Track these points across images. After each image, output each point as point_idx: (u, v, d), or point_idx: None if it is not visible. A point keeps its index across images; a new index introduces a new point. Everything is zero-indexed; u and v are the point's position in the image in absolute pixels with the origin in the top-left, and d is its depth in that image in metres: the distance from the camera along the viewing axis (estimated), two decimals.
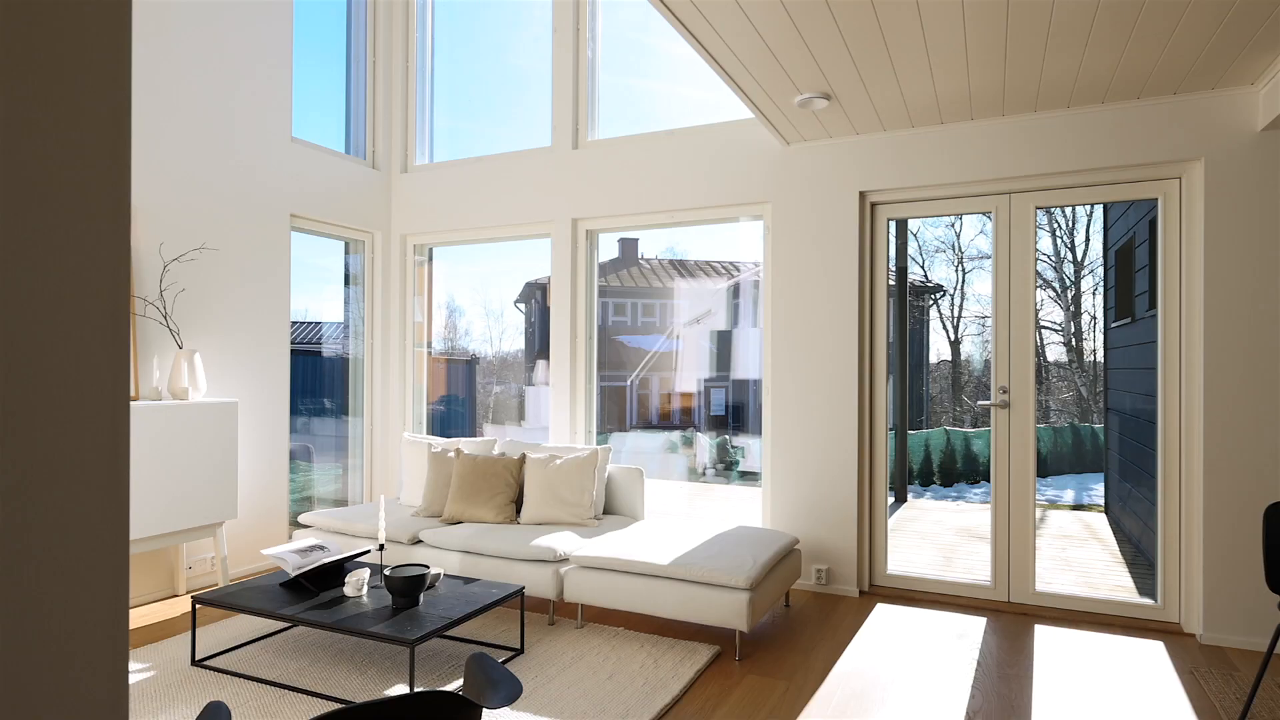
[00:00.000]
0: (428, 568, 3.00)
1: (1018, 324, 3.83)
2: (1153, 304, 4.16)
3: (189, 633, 3.37)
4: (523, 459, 4.12)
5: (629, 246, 7.16)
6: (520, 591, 3.11)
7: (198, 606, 3.77)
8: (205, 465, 3.74)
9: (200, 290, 4.11)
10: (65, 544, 0.61)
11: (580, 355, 4.87)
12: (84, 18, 0.62)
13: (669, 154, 4.52)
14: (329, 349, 5.38)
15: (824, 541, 4.07)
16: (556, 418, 4.88)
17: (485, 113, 5.72)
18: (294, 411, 4.99)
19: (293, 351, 4.76)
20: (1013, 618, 3.64)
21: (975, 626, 3.51)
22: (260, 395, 4.43)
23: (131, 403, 3.52)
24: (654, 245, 5.91)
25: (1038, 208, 3.79)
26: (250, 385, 4.38)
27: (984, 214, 3.99)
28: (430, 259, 5.62)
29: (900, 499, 6.55)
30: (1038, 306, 3.82)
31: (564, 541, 3.55)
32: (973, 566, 4.55)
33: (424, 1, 5.56)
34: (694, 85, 4.78)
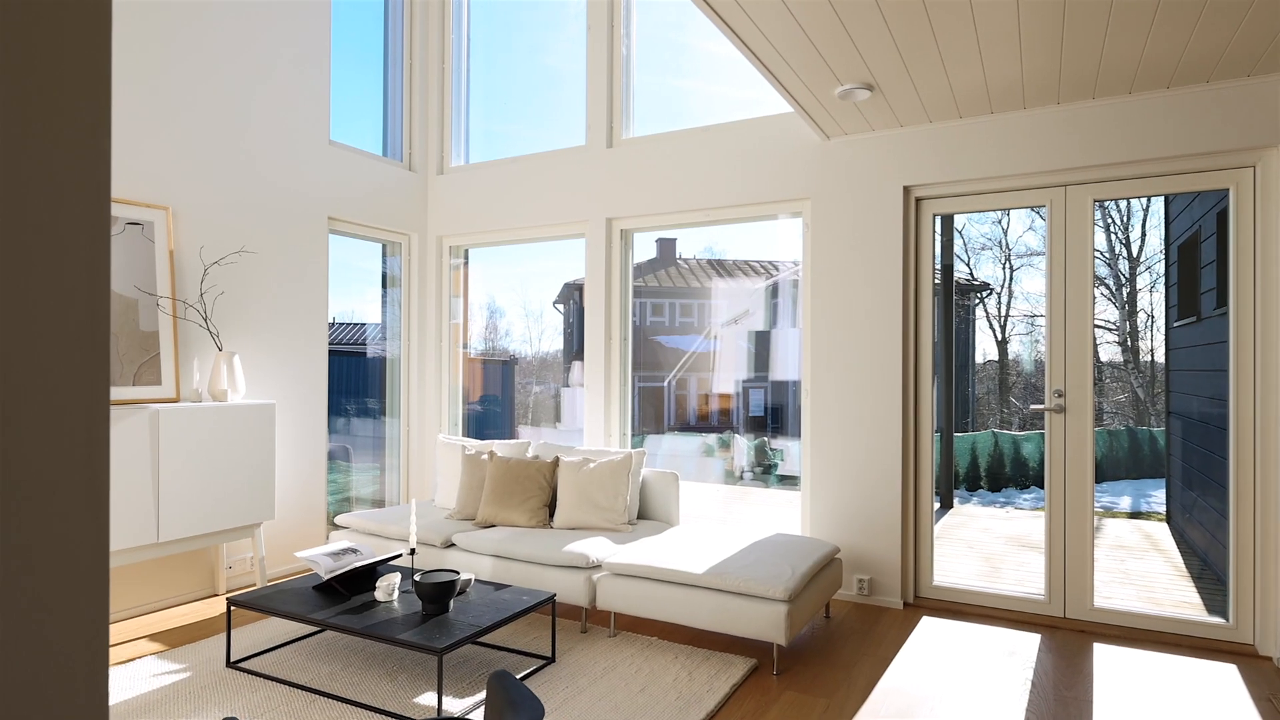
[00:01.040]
0: (458, 574, 2.95)
1: (1074, 325, 3.63)
2: (1221, 302, 3.91)
3: (226, 634, 3.39)
4: (556, 462, 4.06)
5: (667, 246, 7.08)
6: (552, 599, 3.05)
7: (233, 608, 3.79)
8: (243, 467, 3.76)
9: (239, 293, 4.14)
10: (41, 558, 0.56)
11: (615, 357, 4.79)
12: (62, 17, 0.57)
13: (705, 151, 4.42)
14: (368, 350, 5.41)
15: (866, 550, 3.92)
16: (591, 420, 4.81)
17: (521, 113, 5.69)
18: (334, 412, 5.02)
19: (333, 352, 4.79)
20: (1069, 635, 3.45)
21: (1028, 643, 3.33)
22: (298, 397, 4.46)
23: (171, 404, 3.57)
24: (692, 245, 5.80)
25: (1096, 201, 3.59)
26: (289, 387, 4.40)
27: (1036, 208, 3.80)
28: (466, 260, 5.61)
29: (946, 505, 6.33)
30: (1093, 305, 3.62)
31: (596, 547, 3.47)
32: (1024, 578, 4.35)
33: (460, 3, 5.55)
34: (730, 83, 4.67)
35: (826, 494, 4.04)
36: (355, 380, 5.38)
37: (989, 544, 5.25)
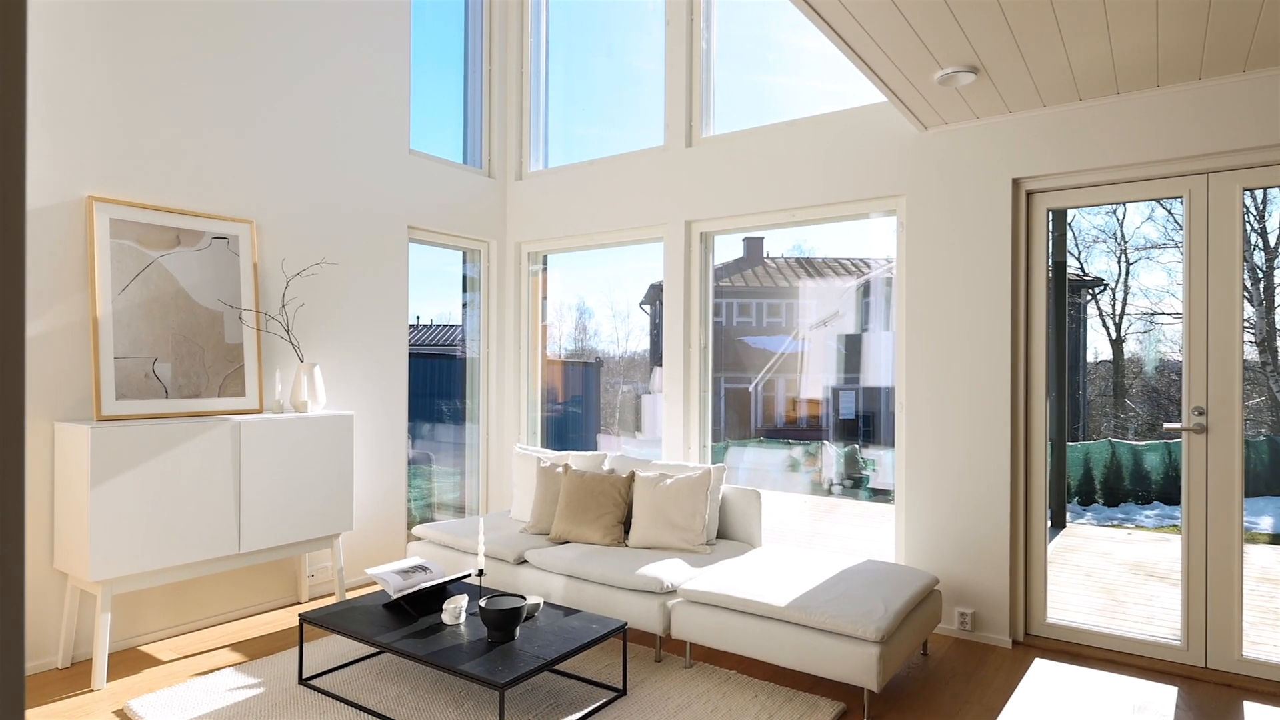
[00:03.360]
0: (524, 599, 2.83)
1: (1218, 333, 3.17)
2: None
3: (298, 650, 3.40)
4: (631, 477, 3.90)
5: (754, 245, 6.85)
6: (623, 629, 2.88)
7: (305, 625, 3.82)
8: (322, 477, 3.78)
9: (320, 304, 4.19)
10: None
11: (694, 366, 4.59)
12: None
13: (789, 147, 4.15)
14: (451, 354, 5.43)
15: (969, 579, 3.57)
16: (670, 430, 4.63)
17: (600, 115, 5.56)
18: (420, 415, 5.05)
19: (416, 355, 4.81)
20: (1212, 689, 3.01)
21: (1162, 697, 2.92)
22: (378, 407, 4.48)
23: (253, 416, 3.61)
24: (779, 243, 5.53)
25: (1246, 189, 3.12)
26: (368, 398, 4.43)
27: (1168, 200, 3.35)
28: (545, 266, 5.54)
29: (1057, 524, 5.79)
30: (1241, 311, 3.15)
31: (672, 571, 3.29)
32: (1152, 615, 3.87)
33: (538, 7, 5.48)
34: (815, 75, 4.37)
35: (923, 514, 3.71)
36: (441, 382, 5.41)
37: (1109, 572, 4.74)
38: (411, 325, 5.11)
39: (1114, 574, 4.68)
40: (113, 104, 3.36)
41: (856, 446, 6.00)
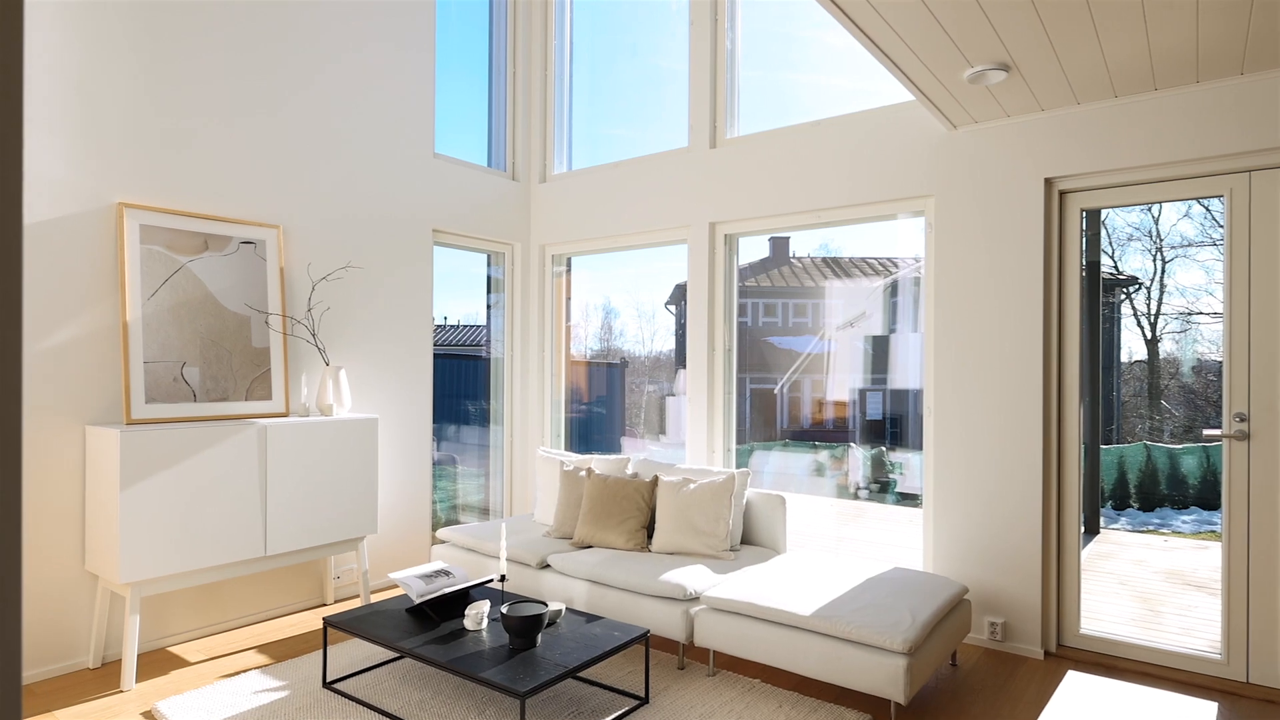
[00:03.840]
0: (545, 605, 2.82)
1: (1261, 335, 3.06)
2: None
3: (322, 653, 3.42)
4: (655, 481, 3.87)
5: (780, 245, 6.79)
6: (645, 636, 2.86)
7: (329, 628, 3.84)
8: (347, 481, 3.81)
9: (345, 308, 4.22)
10: None
11: (718, 369, 4.55)
12: None
13: (815, 147, 4.09)
14: (477, 354, 5.44)
15: (999, 587, 3.49)
16: (693, 433, 4.60)
17: (625, 116, 5.54)
18: (445, 415, 5.08)
19: (442, 355, 4.83)
20: (1254, 705, 2.91)
21: (1201, 713, 2.82)
22: (403, 410, 4.50)
23: (279, 419, 3.65)
24: (806, 243, 5.46)
25: None
26: (393, 401, 4.45)
27: (1208, 198, 3.24)
28: (569, 268, 5.53)
29: (1091, 530, 5.65)
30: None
31: (695, 578, 3.25)
32: (1191, 626, 3.75)
33: (562, 7, 5.47)
34: (842, 73, 4.31)
35: (952, 520, 3.63)
36: (466, 383, 5.43)
37: (1145, 580, 4.61)
38: (439, 326, 5.14)
39: (1150, 582, 4.56)
40: (143, 112, 3.41)
41: (883, 449, 5.91)
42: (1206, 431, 3.35)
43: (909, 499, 5.40)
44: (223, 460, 3.32)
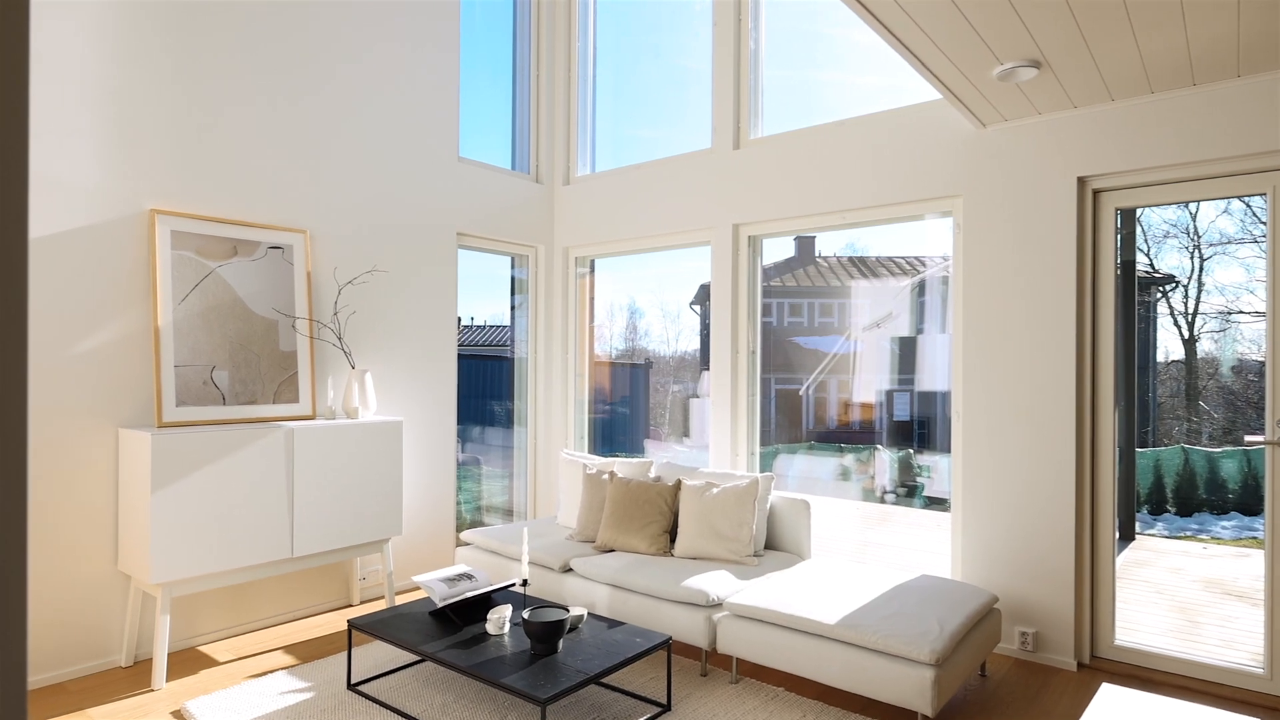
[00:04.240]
0: (567, 610, 2.81)
1: None
2: None
3: (347, 655, 3.45)
4: (678, 485, 3.85)
5: (805, 244, 6.73)
6: (667, 643, 2.84)
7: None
8: (372, 483, 3.84)
9: (371, 311, 4.25)
10: None
11: (742, 370, 4.52)
12: None
13: (840, 148, 4.04)
14: (502, 355, 5.47)
15: (1030, 597, 3.41)
16: (717, 436, 4.57)
17: (649, 117, 5.52)
18: (470, 416, 5.11)
19: (469, 356, 4.85)
20: None
21: None
22: (428, 413, 4.53)
23: (305, 422, 3.69)
24: (832, 242, 5.40)
25: None
26: (418, 404, 4.49)
27: (1248, 196, 3.13)
28: (592, 270, 5.53)
29: (1126, 536, 5.51)
30: None
31: (718, 584, 3.23)
32: (1232, 638, 3.63)
33: (585, 10, 5.46)
34: (868, 70, 4.25)
35: (981, 526, 3.56)
36: (492, 383, 5.45)
37: (1182, 589, 4.47)
38: (466, 326, 5.18)
39: (1188, 591, 4.43)
40: (175, 119, 3.47)
41: (910, 451, 5.81)
42: (1249, 438, 3.24)
43: (937, 503, 5.30)
44: (251, 463, 3.36)
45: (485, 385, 5.45)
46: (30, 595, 3.05)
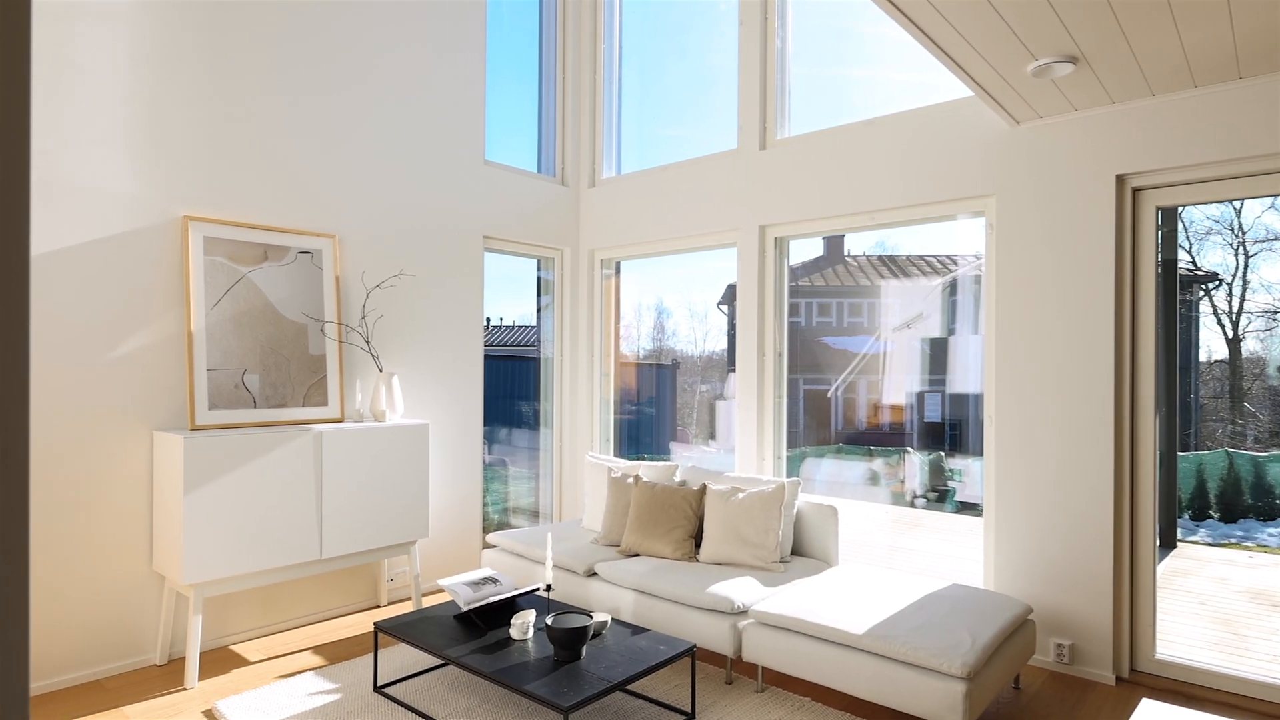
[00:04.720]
0: (590, 617, 2.80)
1: None
2: None
3: (373, 657, 3.48)
4: (703, 490, 3.82)
5: (834, 243, 6.66)
6: (692, 650, 2.81)
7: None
8: (399, 486, 3.87)
9: (398, 315, 4.29)
10: None
11: (769, 373, 4.47)
12: None
13: (868, 147, 3.97)
14: (529, 355, 5.49)
15: (1066, 607, 3.32)
16: (743, 439, 4.52)
17: (675, 117, 5.49)
18: (496, 417, 5.13)
19: (496, 356, 4.87)
20: None
21: None
22: (454, 416, 4.55)
23: (334, 425, 3.72)
24: (861, 241, 5.32)
25: None
26: (445, 407, 4.51)
27: None
28: (618, 272, 5.52)
29: (1167, 543, 5.34)
30: None
31: (743, 590, 3.19)
32: (1279, 653, 3.50)
33: (611, 11, 5.45)
34: (897, 68, 4.17)
35: (1015, 533, 3.47)
36: (519, 384, 5.47)
37: (1227, 599, 4.32)
38: (494, 326, 5.20)
39: (1233, 603, 4.27)
40: (206, 127, 3.53)
41: (941, 455, 5.70)
42: None
43: (969, 508, 5.20)
44: (281, 465, 3.40)
45: (512, 385, 5.47)
46: (68, 594, 3.12)
